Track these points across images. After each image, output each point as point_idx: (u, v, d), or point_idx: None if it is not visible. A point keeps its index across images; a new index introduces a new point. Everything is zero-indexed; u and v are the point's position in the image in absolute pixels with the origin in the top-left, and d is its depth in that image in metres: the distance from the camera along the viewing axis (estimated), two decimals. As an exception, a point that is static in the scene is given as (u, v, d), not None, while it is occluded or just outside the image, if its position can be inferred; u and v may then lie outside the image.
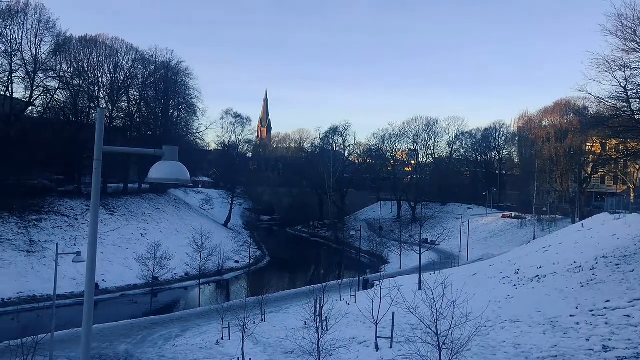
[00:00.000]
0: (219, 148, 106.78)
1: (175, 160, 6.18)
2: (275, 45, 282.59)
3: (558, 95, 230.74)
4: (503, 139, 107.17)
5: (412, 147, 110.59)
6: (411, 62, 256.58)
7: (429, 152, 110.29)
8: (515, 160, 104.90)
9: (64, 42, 65.09)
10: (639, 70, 27.38)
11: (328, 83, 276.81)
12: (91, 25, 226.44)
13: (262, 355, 22.92)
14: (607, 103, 29.90)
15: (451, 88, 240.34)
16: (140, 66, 77.68)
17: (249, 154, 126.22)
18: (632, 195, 59.32)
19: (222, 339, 27.58)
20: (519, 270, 33.57)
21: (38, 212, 53.81)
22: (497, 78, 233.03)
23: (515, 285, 29.96)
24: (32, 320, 30.40)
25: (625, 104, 28.91)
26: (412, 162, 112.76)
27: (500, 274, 34.74)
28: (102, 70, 72.72)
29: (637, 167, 64.41)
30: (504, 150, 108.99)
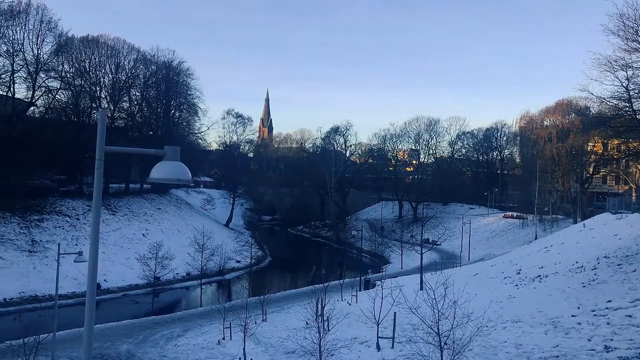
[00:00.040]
0: (220, 148, 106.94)
1: (176, 160, 6.19)
2: (276, 45, 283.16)
3: (558, 95, 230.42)
4: (505, 138, 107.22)
5: (413, 147, 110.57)
6: (411, 62, 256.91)
7: (431, 152, 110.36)
8: (517, 160, 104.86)
9: (66, 42, 65.20)
10: (641, 70, 27.35)
11: (328, 83, 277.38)
12: (93, 25, 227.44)
13: (264, 355, 22.93)
14: (609, 103, 29.88)
15: (451, 88, 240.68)
16: (141, 66, 77.80)
17: (251, 154, 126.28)
18: (633, 195, 59.29)
19: (223, 339, 27.59)
20: (520, 270, 33.54)
21: (40, 212, 53.89)
22: (497, 78, 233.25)
23: (516, 285, 29.93)
24: (34, 320, 30.53)
25: (627, 103, 28.88)
26: (414, 162, 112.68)
27: (502, 274, 34.71)
28: (103, 71, 72.91)
29: (639, 167, 64.30)
30: (506, 150, 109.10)
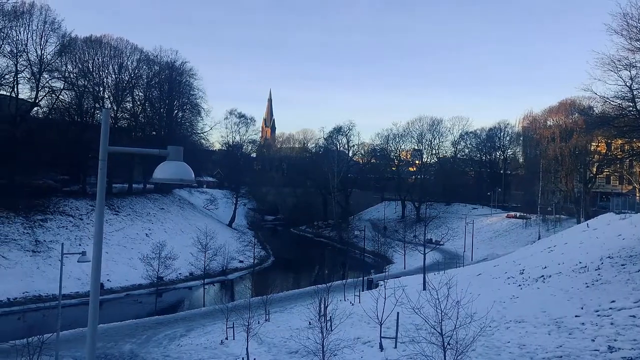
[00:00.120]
0: (223, 148, 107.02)
1: (179, 160, 6.20)
2: (276, 45, 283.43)
3: (559, 95, 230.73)
4: (508, 138, 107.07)
5: (416, 147, 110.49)
6: (411, 62, 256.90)
7: (433, 152, 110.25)
8: (520, 160, 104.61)
9: (69, 42, 65.37)
10: (644, 69, 27.29)
11: (328, 83, 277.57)
12: (95, 26, 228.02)
13: (267, 355, 22.94)
14: (612, 102, 29.83)
15: (451, 88, 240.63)
16: (144, 66, 78.02)
17: (253, 154, 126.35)
18: (637, 195, 59.14)
19: (226, 338, 27.63)
20: (523, 270, 33.46)
21: (43, 212, 54.04)
22: (497, 78, 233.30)
23: (520, 285, 29.86)
24: (38, 320, 30.62)
25: (630, 103, 28.81)
26: (417, 162, 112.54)
27: (505, 274, 34.63)
28: (106, 71, 73.06)
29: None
30: (509, 150, 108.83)
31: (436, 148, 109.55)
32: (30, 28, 58.53)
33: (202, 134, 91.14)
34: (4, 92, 58.28)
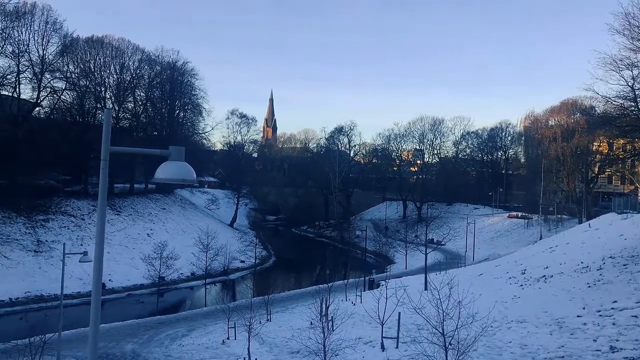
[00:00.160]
0: (224, 148, 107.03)
1: (181, 160, 6.20)
2: (276, 45, 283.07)
3: (559, 95, 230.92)
4: (509, 138, 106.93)
5: (417, 147, 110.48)
6: (411, 62, 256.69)
7: (435, 152, 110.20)
8: (522, 160, 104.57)
9: (71, 43, 65.44)
10: (646, 69, 27.25)
11: (328, 83, 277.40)
12: (97, 26, 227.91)
13: (268, 355, 22.95)
14: (614, 102, 29.80)
15: (452, 88, 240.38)
16: (146, 67, 78.05)
17: (255, 154, 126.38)
18: (639, 195, 59.00)
19: (228, 338, 27.65)
20: (525, 270, 33.42)
21: (45, 212, 54.12)
22: (497, 78, 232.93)
23: (521, 285, 29.83)
24: (40, 320, 30.62)
25: (632, 103, 28.78)
26: (418, 162, 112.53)
27: (507, 274, 34.59)
28: (108, 71, 73.16)
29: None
30: (510, 150, 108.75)
31: (438, 148, 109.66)
32: (32, 28, 58.70)
33: (203, 134, 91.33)
34: (6, 93, 58.39)
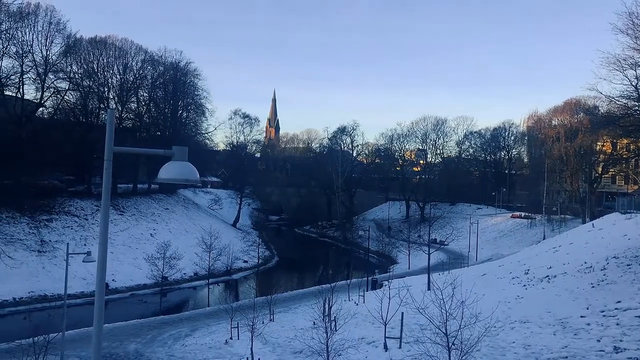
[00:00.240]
0: (227, 148, 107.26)
1: (184, 160, 6.21)
2: (276, 45, 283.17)
3: (560, 95, 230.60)
4: (512, 138, 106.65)
5: (420, 147, 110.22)
6: (411, 62, 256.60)
7: (438, 151, 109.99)
8: (525, 159, 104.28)
9: (74, 43, 65.55)
10: (650, 68, 27.16)
11: (328, 83, 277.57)
12: (99, 26, 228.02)
13: (271, 355, 22.97)
14: (618, 102, 29.72)
15: (452, 88, 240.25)
16: (149, 67, 78.17)
17: (258, 154, 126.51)
18: (643, 195, 58.73)
19: (231, 338, 27.68)
20: (528, 270, 33.36)
21: (49, 212, 54.28)
22: (497, 78, 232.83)
23: (525, 285, 29.78)
24: (44, 320, 30.73)
25: (636, 102, 28.71)
26: (421, 162, 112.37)
27: (510, 274, 34.54)
28: (111, 71, 73.27)
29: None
30: (514, 150, 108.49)
31: (440, 148, 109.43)
32: (36, 29, 58.81)
33: (206, 134, 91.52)
34: (10, 93, 58.56)
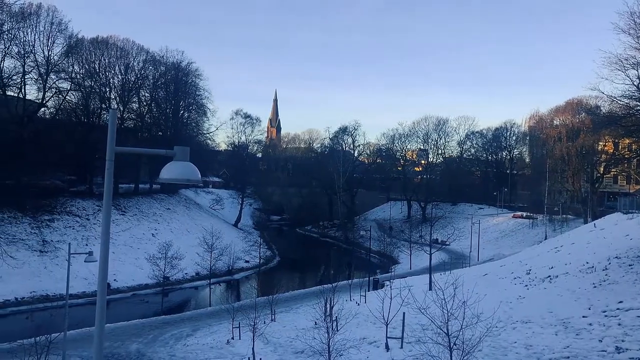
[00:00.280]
0: (229, 148, 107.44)
1: (186, 160, 6.22)
2: (277, 45, 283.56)
3: (560, 95, 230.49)
4: (514, 138, 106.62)
5: (422, 147, 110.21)
6: (411, 62, 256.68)
7: (439, 151, 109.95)
8: (527, 159, 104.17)
9: (76, 43, 65.69)
10: (652, 68, 27.12)
11: (328, 83, 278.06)
12: (101, 26, 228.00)
13: (273, 355, 22.97)
14: (619, 102, 29.69)
15: (452, 88, 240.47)
16: (150, 67, 78.29)
17: (259, 154, 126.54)
18: (645, 194, 58.65)
19: (232, 338, 27.69)
20: (530, 270, 33.32)
21: (50, 212, 54.36)
22: (498, 78, 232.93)
23: (526, 285, 29.75)
24: (45, 320, 30.78)
25: (638, 102, 28.67)
26: (422, 161, 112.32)
27: (512, 274, 34.50)
28: (113, 72, 73.42)
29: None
30: (515, 150, 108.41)
31: (442, 148, 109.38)
32: (38, 29, 58.97)
33: (208, 134, 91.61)
34: (12, 93, 58.70)
